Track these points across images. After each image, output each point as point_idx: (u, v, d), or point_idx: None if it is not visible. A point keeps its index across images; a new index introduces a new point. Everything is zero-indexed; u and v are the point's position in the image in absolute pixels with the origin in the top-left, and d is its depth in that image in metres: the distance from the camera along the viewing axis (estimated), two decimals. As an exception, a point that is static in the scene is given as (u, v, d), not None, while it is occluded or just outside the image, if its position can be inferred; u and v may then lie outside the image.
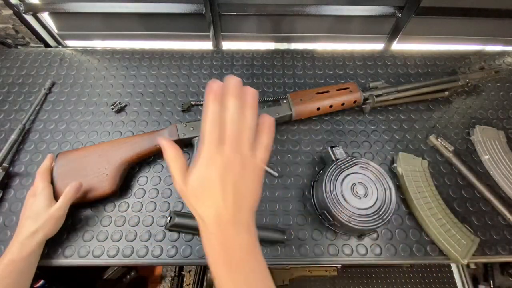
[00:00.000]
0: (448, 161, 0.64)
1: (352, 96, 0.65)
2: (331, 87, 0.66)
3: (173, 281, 1.22)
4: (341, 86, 0.66)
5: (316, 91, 0.65)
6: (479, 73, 0.70)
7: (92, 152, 0.57)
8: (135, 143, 0.58)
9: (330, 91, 0.65)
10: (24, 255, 0.45)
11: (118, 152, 0.57)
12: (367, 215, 0.49)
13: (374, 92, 0.66)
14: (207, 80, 0.76)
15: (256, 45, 0.87)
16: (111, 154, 0.56)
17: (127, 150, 0.57)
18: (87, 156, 0.56)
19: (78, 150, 0.58)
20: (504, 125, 0.70)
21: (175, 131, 0.59)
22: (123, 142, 0.58)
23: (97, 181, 0.54)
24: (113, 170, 0.55)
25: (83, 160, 0.56)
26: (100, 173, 0.55)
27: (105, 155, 0.56)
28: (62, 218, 0.50)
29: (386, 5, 0.76)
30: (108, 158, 0.56)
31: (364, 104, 0.68)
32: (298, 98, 0.64)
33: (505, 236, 0.56)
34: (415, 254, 0.55)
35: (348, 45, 0.88)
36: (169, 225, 0.54)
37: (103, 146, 0.58)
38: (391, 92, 0.67)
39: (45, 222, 0.47)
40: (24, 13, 0.75)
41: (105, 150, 0.57)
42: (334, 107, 0.66)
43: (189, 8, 0.76)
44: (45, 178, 0.53)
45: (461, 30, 0.85)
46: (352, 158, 0.54)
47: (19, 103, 0.72)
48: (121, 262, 0.53)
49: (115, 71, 0.78)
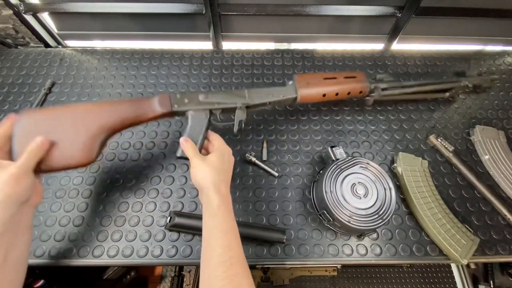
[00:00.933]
0: (448, 161, 0.64)
1: (359, 85, 0.63)
2: (338, 73, 0.63)
3: (173, 281, 1.22)
4: (349, 74, 0.63)
5: (324, 76, 0.62)
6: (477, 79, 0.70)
7: (66, 113, 0.47)
8: (118, 109, 0.50)
9: (338, 78, 0.62)
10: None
11: (98, 118, 0.48)
12: (367, 215, 0.49)
13: (380, 85, 0.64)
14: (207, 80, 0.77)
15: (256, 45, 0.87)
16: (89, 119, 0.47)
17: (109, 117, 0.48)
18: (60, 118, 0.46)
19: (49, 110, 0.48)
20: (504, 125, 0.70)
21: (167, 101, 0.52)
22: (104, 106, 0.49)
23: (71, 149, 0.45)
24: (91, 139, 0.46)
25: (55, 122, 0.46)
26: (76, 140, 0.46)
27: (82, 120, 0.47)
28: (26, 177, 0.40)
29: (386, 5, 0.76)
30: (85, 124, 0.47)
31: (368, 96, 0.65)
32: (305, 81, 0.60)
33: (505, 236, 0.56)
34: (415, 254, 0.55)
35: (348, 45, 0.88)
36: (169, 225, 0.54)
37: (79, 109, 0.48)
38: (395, 87, 0.66)
39: (2, 183, 0.37)
40: (24, 13, 0.75)
41: (82, 114, 0.47)
42: (340, 95, 0.62)
43: (189, 8, 0.76)
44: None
45: (461, 30, 0.85)
46: (352, 158, 0.54)
47: (19, 103, 0.72)
48: (121, 262, 0.53)
49: (115, 71, 0.78)
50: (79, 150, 0.46)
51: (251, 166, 0.63)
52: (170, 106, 0.52)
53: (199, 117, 0.52)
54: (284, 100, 0.59)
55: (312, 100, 0.62)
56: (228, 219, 0.43)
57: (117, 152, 0.65)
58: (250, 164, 0.63)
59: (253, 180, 0.62)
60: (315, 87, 0.60)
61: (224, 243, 0.40)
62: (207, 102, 0.53)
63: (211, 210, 0.43)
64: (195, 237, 0.55)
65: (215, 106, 0.54)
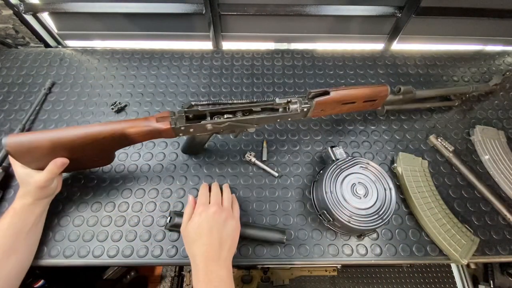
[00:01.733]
0: (448, 161, 0.64)
1: (374, 105, 0.60)
2: (358, 97, 0.57)
3: (173, 281, 1.22)
4: (371, 96, 0.57)
5: (343, 100, 0.56)
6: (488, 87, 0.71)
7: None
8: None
9: (357, 102, 0.58)
10: (18, 208, 0.48)
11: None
12: (367, 215, 0.49)
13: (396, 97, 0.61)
14: (207, 80, 0.77)
15: (256, 45, 0.87)
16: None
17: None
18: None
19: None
20: (504, 125, 0.70)
21: (171, 133, 0.51)
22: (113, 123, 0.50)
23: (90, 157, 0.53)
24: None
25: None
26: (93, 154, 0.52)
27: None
28: (48, 187, 0.50)
29: (386, 5, 0.76)
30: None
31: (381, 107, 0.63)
32: (320, 108, 0.55)
33: (505, 236, 0.57)
34: (415, 254, 0.55)
35: (348, 45, 0.88)
36: (169, 225, 0.54)
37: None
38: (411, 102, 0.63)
39: (31, 189, 0.49)
40: (24, 13, 0.75)
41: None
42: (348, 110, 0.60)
43: (189, 8, 0.76)
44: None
45: (461, 30, 0.85)
46: (352, 158, 0.54)
47: (19, 103, 0.72)
48: (121, 262, 0.53)
49: (115, 71, 0.78)
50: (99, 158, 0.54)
51: (251, 166, 0.63)
52: (174, 135, 0.52)
53: (203, 136, 0.55)
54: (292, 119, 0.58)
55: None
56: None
57: (117, 153, 0.65)
58: (250, 164, 0.63)
59: (253, 180, 0.62)
60: (328, 111, 0.58)
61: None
62: (214, 130, 0.53)
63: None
64: (195, 237, 0.55)
65: (221, 131, 0.53)
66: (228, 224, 0.47)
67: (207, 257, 0.43)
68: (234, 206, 0.52)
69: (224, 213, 0.48)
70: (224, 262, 0.44)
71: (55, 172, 0.50)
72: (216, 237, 0.45)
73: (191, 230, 0.46)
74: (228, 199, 0.52)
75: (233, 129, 0.54)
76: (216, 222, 0.46)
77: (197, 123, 0.50)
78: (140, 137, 0.51)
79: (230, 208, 0.51)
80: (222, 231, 0.46)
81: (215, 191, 0.53)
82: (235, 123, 0.52)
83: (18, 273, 0.48)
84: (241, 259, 0.54)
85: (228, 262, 0.45)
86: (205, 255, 0.43)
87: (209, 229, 0.45)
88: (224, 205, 0.51)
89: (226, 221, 0.47)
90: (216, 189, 0.54)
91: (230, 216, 0.49)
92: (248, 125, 0.54)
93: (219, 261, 0.43)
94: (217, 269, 0.42)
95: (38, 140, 0.47)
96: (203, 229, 0.45)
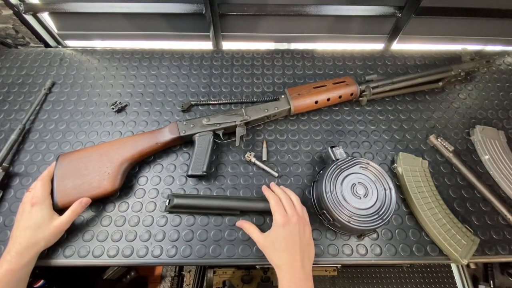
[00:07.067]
0: (448, 161, 0.64)
1: (348, 89, 0.67)
2: (327, 81, 0.68)
3: (173, 281, 1.22)
4: (338, 80, 0.68)
5: (314, 85, 0.67)
6: (470, 63, 0.72)
7: (93, 152, 0.57)
8: (136, 142, 0.59)
9: (327, 85, 0.67)
10: (22, 264, 0.44)
11: (120, 150, 0.57)
12: (367, 215, 0.49)
13: (370, 84, 0.68)
14: (207, 80, 0.77)
15: (256, 45, 0.87)
16: (112, 153, 0.57)
17: (129, 149, 0.58)
18: (88, 156, 0.56)
19: (79, 151, 0.58)
20: (504, 125, 0.70)
21: (175, 129, 0.61)
22: (124, 141, 0.59)
23: (98, 179, 0.54)
24: (114, 169, 0.55)
25: (84, 159, 0.56)
26: (102, 172, 0.55)
27: (107, 154, 0.57)
28: (65, 228, 0.51)
29: (386, 5, 0.76)
30: (109, 157, 0.56)
31: (361, 96, 0.69)
32: (296, 93, 0.66)
33: (505, 236, 0.57)
34: (415, 254, 0.55)
35: (348, 45, 0.88)
36: (168, 207, 0.55)
37: (104, 146, 0.58)
38: (386, 84, 0.68)
39: (47, 234, 0.48)
40: (24, 13, 0.75)
41: (106, 149, 0.57)
42: (332, 100, 0.67)
43: (189, 8, 0.76)
44: (47, 187, 0.52)
45: (461, 30, 0.85)
46: (352, 158, 0.54)
47: (19, 103, 0.72)
48: (121, 262, 0.53)
49: (115, 71, 0.78)
50: (105, 180, 0.54)
51: (251, 166, 0.63)
52: (178, 132, 0.60)
53: (204, 139, 0.60)
54: (280, 112, 0.65)
55: (306, 109, 0.67)
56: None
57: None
58: (250, 164, 0.63)
59: (253, 180, 0.62)
60: (307, 97, 0.65)
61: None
62: (210, 124, 0.61)
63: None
64: (195, 237, 0.55)
65: (217, 126, 0.61)
66: (307, 231, 0.49)
67: (293, 268, 0.45)
68: (303, 209, 0.52)
69: (302, 221, 0.49)
70: (308, 273, 0.46)
71: (79, 212, 0.51)
72: (298, 246, 0.47)
73: (273, 240, 0.48)
74: (300, 205, 0.52)
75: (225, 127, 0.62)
76: (298, 232, 0.48)
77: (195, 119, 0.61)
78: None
79: (304, 214, 0.51)
80: (303, 240, 0.48)
81: (284, 197, 0.52)
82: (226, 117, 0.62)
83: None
84: (241, 259, 0.54)
85: (310, 271, 0.47)
86: (290, 265, 0.45)
87: (293, 242, 0.47)
88: (299, 212, 0.50)
89: (305, 229, 0.49)
90: (285, 195, 0.53)
91: (307, 223, 0.50)
92: (236, 122, 0.61)
93: (304, 271, 0.45)
94: (302, 278, 0.45)
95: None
96: (288, 242, 0.47)
